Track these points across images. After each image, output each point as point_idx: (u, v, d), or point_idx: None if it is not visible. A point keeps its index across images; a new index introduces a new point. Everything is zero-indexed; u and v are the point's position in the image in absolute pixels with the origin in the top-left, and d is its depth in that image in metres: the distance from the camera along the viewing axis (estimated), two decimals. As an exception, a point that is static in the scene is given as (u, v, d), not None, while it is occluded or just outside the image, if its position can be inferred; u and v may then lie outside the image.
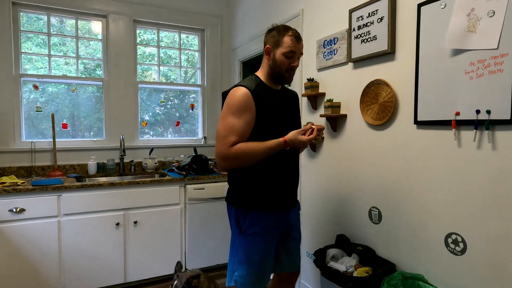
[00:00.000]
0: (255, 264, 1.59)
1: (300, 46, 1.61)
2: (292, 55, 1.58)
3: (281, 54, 1.58)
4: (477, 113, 1.35)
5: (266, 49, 1.62)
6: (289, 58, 1.58)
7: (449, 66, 1.46)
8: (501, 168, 1.30)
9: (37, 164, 2.90)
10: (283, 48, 1.57)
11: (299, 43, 1.60)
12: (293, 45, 1.57)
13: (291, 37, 1.57)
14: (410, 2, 1.65)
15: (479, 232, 1.38)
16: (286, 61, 1.58)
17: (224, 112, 1.56)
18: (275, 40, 1.59)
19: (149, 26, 3.37)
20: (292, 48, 1.57)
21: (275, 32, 1.60)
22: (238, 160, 1.52)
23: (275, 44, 1.59)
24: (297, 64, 1.62)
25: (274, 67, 1.60)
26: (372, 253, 1.84)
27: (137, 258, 2.68)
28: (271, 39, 1.61)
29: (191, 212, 2.85)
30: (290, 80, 1.66)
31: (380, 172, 1.84)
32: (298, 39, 1.59)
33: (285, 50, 1.57)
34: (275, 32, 1.61)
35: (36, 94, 2.97)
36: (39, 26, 2.98)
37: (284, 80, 1.65)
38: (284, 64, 1.59)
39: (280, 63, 1.59)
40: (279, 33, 1.59)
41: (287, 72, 1.61)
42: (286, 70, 1.60)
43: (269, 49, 1.61)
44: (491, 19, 1.30)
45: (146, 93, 3.42)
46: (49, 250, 2.40)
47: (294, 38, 1.57)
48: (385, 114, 1.78)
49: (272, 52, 1.60)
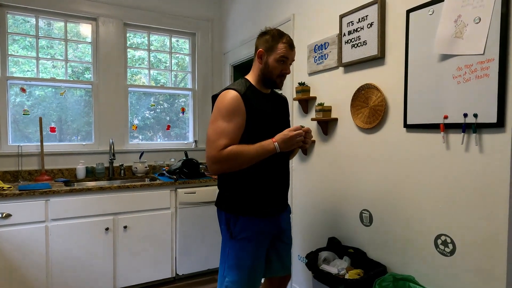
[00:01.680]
0: (246, 269, 1.57)
1: (293, 54, 1.62)
2: (285, 62, 1.59)
3: (274, 60, 1.58)
4: (464, 117, 1.39)
5: (259, 53, 1.61)
6: (282, 65, 1.59)
7: (438, 70, 1.49)
8: (488, 170, 1.33)
9: (24, 168, 2.84)
10: (277, 54, 1.57)
11: (292, 51, 1.61)
12: (287, 52, 1.58)
13: (285, 44, 1.57)
14: (399, 8, 1.68)
15: (468, 233, 1.41)
16: (279, 68, 1.59)
17: (214, 115, 1.54)
18: (268, 46, 1.59)
19: (139, 30, 3.36)
20: (285, 55, 1.58)
21: (269, 37, 1.59)
22: (229, 163, 1.51)
23: (269, 50, 1.59)
24: (289, 72, 1.63)
25: (266, 72, 1.60)
26: (363, 255, 1.86)
27: (126, 263, 2.64)
28: (264, 43, 1.60)
29: (182, 217, 2.83)
30: (281, 85, 1.66)
31: (371, 175, 1.87)
32: (291, 47, 1.60)
33: (278, 57, 1.57)
34: (268, 37, 1.60)
35: (22, 98, 2.92)
36: (26, 28, 2.94)
37: (275, 85, 1.65)
38: (277, 70, 1.59)
39: (272, 69, 1.59)
40: (273, 39, 1.58)
41: (278, 78, 1.61)
42: (277, 76, 1.61)
43: (262, 53, 1.60)
44: (477, 26, 1.34)
45: (136, 97, 3.39)
46: (36, 256, 2.34)
47: (288, 46, 1.58)
48: (375, 117, 1.81)
49: (265, 56, 1.60)
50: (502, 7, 1.27)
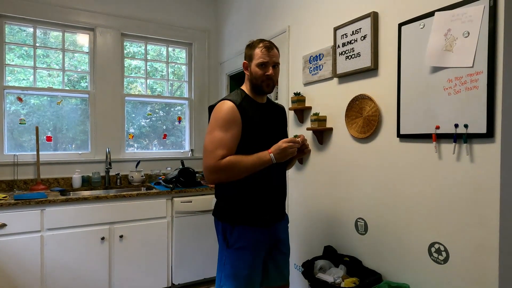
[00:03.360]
0: (243, 278, 1.57)
1: (272, 55, 1.63)
2: (265, 65, 1.61)
3: (255, 66, 1.63)
4: (455, 127, 1.43)
5: (244, 65, 1.69)
6: (263, 69, 1.61)
7: (429, 82, 1.53)
8: (479, 179, 1.37)
9: (20, 177, 2.83)
10: (256, 59, 1.62)
11: (270, 52, 1.62)
12: (264, 55, 1.61)
13: (261, 48, 1.62)
14: (391, 21, 1.73)
15: (461, 241, 1.44)
16: (260, 72, 1.61)
17: (211, 126, 1.57)
18: (249, 54, 1.66)
19: (136, 40, 3.39)
20: (263, 58, 1.61)
21: (249, 47, 1.68)
22: (227, 173, 1.53)
23: (249, 58, 1.66)
24: (271, 73, 1.62)
25: (252, 79, 1.65)
26: (359, 263, 1.88)
27: (122, 273, 2.63)
28: (247, 54, 1.68)
29: (178, 226, 2.83)
30: (270, 90, 1.67)
31: (365, 184, 1.89)
32: (268, 49, 1.62)
33: (257, 62, 1.61)
34: (249, 47, 1.68)
35: (17, 106, 2.92)
36: (22, 37, 2.95)
37: (263, 91, 1.65)
38: (259, 74, 1.62)
39: (255, 74, 1.62)
40: (251, 47, 1.66)
41: (264, 82, 1.62)
42: (262, 80, 1.62)
43: (246, 64, 1.68)
44: (466, 39, 1.39)
45: (131, 106, 3.40)
46: (31, 266, 2.33)
47: (264, 49, 1.61)
48: (369, 127, 1.84)
49: (249, 66, 1.66)
50: (489, 22, 1.31)
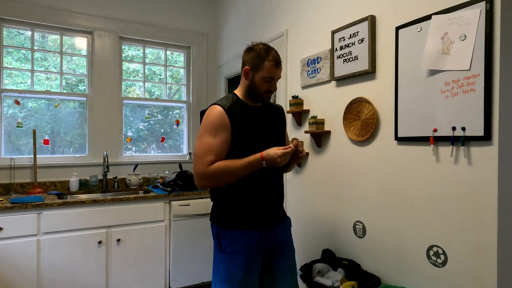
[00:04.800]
0: (237, 283, 1.53)
1: (279, 71, 1.60)
2: (271, 80, 1.59)
3: (260, 78, 1.57)
4: (453, 130, 1.43)
5: (245, 70, 1.59)
6: (268, 83, 1.58)
7: (426, 85, 1.54)
8: (476, 182, 1.37)
9: (16, 181, 2.82)
10: (263, 73, 1.56)
11: (279, 69, 1.59)
12: (272, 72, 1.57)
13: (272, 62, 1.56)
14: (388, 25, 1.74)
15: (459, 244, 1.43)
16: (265, 85, 1.58)
17: (200, 131, 1.56)
18: (255, 63, 1.56)
19: (135, 43, 3.39)
20: (271, 74, 1.57)
21: (255, 55, 1.57)
22: (216, 179, 1.51)
23: (255, 67, 1.56)
24: (275, 89, 1.62)
25: (253, 88, 1.60)
26: (357, 267, 1.87)
27: (119, 277, 2.61)
28: (250, 60, 1.58)
29: (176, 229, 2.82)
30: (268, 100, 1.66)
31: (363, 187, 1.89)
32: (277, 65, 1.58)
33: (265, 76, 1.56)
34: (255, 54, 1.57)
35: (15, 109, 2.91)
36: (20, 40, 2.95)
37: (262, 101, 1.65)
38: (263, 87, 1.58)
39: (259, 86, 1.58)
40: (259, 57, 1.56)
41: (265, 94, 1.61)
42: (264, 92, 1.60)
43: (248, 71, 1.59)
44: (463, 43, 1.40)
45: (129, 109, 3.40)
46: (27, 271, 2.30)
47: (274, 65, 1.56)
48: (367, 130, 1.84)
49: (251, 74, 1.59)
50: (486, 26, 1.32)
